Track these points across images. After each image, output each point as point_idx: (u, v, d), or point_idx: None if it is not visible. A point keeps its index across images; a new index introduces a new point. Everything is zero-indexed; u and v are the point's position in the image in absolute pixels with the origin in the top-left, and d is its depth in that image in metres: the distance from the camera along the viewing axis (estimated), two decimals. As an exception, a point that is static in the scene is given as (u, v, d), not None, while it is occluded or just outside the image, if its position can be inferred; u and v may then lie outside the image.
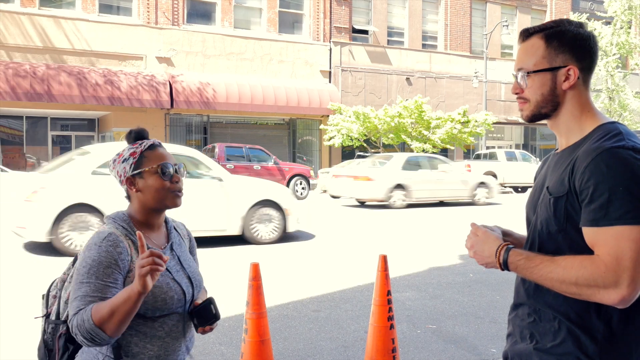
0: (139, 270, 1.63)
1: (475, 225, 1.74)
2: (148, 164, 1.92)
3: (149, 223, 1.96)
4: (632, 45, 30.29)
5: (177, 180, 1.95)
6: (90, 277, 1.74)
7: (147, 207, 1.94)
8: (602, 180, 1.45)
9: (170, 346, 1.90)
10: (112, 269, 1.77)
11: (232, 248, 9.34)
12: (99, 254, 1.77)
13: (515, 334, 1.71)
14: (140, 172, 1.92)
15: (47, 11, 22.38)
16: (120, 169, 1.95)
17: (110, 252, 1.78)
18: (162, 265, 1.65)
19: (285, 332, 5.05)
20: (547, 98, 1.65)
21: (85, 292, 1.73)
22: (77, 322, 1.70)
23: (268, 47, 26.19)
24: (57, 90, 21.11)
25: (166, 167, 1.92)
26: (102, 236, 1.82)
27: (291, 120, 27.58)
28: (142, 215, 1.95)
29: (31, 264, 7.84)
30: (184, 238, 2.13)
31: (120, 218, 1.92)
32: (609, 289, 1.42)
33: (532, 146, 33.65)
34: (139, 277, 1.63)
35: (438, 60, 30.21)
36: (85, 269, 1.76)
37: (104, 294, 1.74)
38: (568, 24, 1.66)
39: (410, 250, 9.38)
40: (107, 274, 1.76)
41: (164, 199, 1.93)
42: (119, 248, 1.80)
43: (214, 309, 1.96)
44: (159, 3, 24.08)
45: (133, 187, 1.93)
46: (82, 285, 1.74)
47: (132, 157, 1.93)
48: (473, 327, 5.28)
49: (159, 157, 1.94)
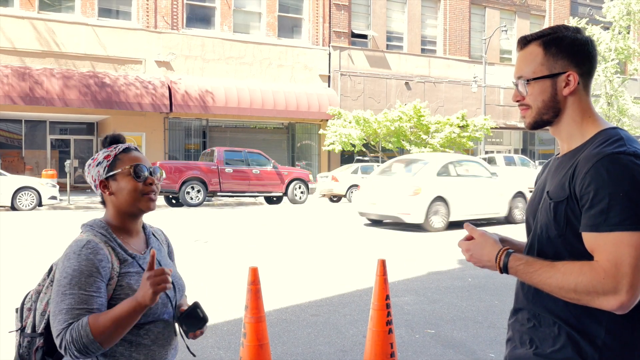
0: (154, 286, 1.65)
1: (471, 227, 1.73)
2: (121, 166, 1.88)
3: (126, 228, 1.92)
4: (630, 51, 30.32)
5: (151, 183, 1.91)
6: (73, 287, 1.69)
7: (121, 211, 1.90)
8: (603, 185, 1.45)
9: (156, 354, 1.86)
10: (94, 278, 1.72)
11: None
12: (79, 263, 1.72)
13: (515, 339, 1.71)
14: (113, 175, 1.88)
15: (46, 15, 22.40)
16: (95, 173, 1.91)
17: (91, 259, 1.73)
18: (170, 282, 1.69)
19: (284, 337, 5.05)
20: (548, 105, 1.65)
21: (70, 304, 1.68)
22: (72, 337, 1.65)
23: (267, 52, 26.22)
24: (56, 94, 21.12)
25: (139, 168, 1.89)
26: (80, 244, 1.77)
27: (290, 124, 27.60)
28: (118, 220, 1.91)
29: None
30: (162, 243, 2.10)
31: (98, 225, 1.87)
32: (608, 295, 1.42)
33: (531, 151, 33.69)
34: (153, 293, 1.65)
35: (437, 64, 30.26)
36: (66, 279, 1.71)
37: (90, 305, 1.70)
38: (565, 29, 1.66)
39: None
40: (90, 283, 1.71)
41: (137, 202, 1.88)
42: (99, 255, 1.75)
43: (201, 312, 1.93)
44: (158, 7, 24.11)
45: (107, 190, 1.90)
46: (66, 296, 1.69)
47: (106, 160, 1.90)
48: (471, 331, 5.27)
49: (133, 159, 1.90)
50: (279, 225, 13.47)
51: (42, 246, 9.85)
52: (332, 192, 22.20)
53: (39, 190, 16.67)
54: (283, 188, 20.31)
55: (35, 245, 9.93)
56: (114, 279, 1.78)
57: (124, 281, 1.80)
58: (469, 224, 1.75)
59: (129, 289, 1.79)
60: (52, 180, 17.78)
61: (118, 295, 1.78)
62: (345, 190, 21.85)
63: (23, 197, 16.43)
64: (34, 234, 11.51)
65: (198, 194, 18.68)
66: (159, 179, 1.96)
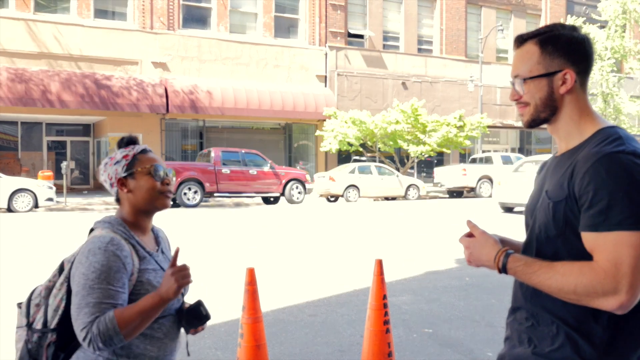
0: (178, 281, 1.79)
1: (473, 225, 1.73)
2: (140, 165, 1.97)
3: (139, 226, 2.00)
4: (626, 49, 30.41)
5: (168, 183, 2.00)
6: (102, 282, 1.76)
7: (137, 208, 1.97)
8: (602, 185, 1.44)
9: (167, 347, 1.95)
10: (121, 274, 1.80)
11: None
12: (107, 259, 1.78)
13: (513, 337, 1.70)
14: (132, 173, 1.96)
15: (42, 16, 22.37)
16: (112, 171, 1.99)
17: (118, 255, 1.80)
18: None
19: (281, 337, 5.04)
20: (545, 103, 1.64)
21: (97, 297, 1.75)
22: (99, 330, 1.71)
23: (264, 52, 26.22)
24: (52, 96, 21.08)
25: (157, 168, 1.98)
26: (105, 240, 1.82)
27: (287, 124, 27.61)
28: (132, 217, 1.98)
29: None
30: (165, 243, 2.19)
31: (115, 222, 1.94)
32: (607, 295, 1.41)
33: (528, 150, 33.73)
34: (178, 287, 1.78)
35: (433, 64, 30.29)
36: (94, 274, 1.76)
37: (116, 300, 1.77)
38: (562, 28, 1.65)
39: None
40: (117, 279, 1.78)
41: (154, 200, 1.97)
42: (124, 252, 1.83)
43: (204, 310, 2.00)
44: (154, 8, 24.08)
45: (124, 188, 1.97)
46: (94, 290, 1.75)
47: (125, 159, 1.98)
48: (469, 331, 5.27)
49: (151, 160, 2.00)
50: (276, 226, 13.46)
51: (39, 247, 9.83)
52: (330, 192, 22.19)
53: (35, 192, 16.63)
54: (280, 188, 20.30)
55: (32, 247, 9.90)
56: (134, 275, 1.86)
57: (144, 277, 1.88)
58: (471, 220, 1.74)
59: (148, 285, 1.87)
60: (49, 182, 17.74)
61: (138, 290, 1.86)
62: (343, 190, 21.84)
63: (19, 199, 16.40)
64: (31, 236, 11.48)
65: (195, 195, 18.66)
66: (172, 180, 2.07)
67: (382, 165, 23.76)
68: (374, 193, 22.80)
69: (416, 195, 23.29)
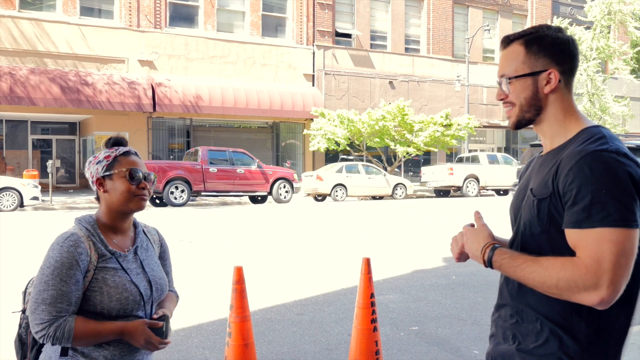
0: (145, 345, 1.92)
1: (478, 216, 1.77)
2: (118, 167, 2.01)
3: (114, 226, 2.04)
4: (611, 50, 30.69)
5: (144, 187, 2.04)
6: (55, 278, 1.83)
7: (112, 209, 2.02)
8: (585, 182, 1.46)
9: (126, 348, 1.96)
10: (73, 270, 1.85)
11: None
12: (61, 255, 1.85)
13: (498, 334, 1.72)
14: (110, 174, 2.01)
15: (27, 14, 22.17)
16: (93, 170, 2.04)
17: (72, 252, 1.86)
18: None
19: (269, 336, 5.04)
20: (530, 102, 1.67)
21: (52, 296, 1.82)
22: (54, 334, 1.81)
23: (251, 51, 26.16)
24: (37, 94, 20.89)
25: (135, 172, 2.02)
26: (64, 237, 1.90)
27: (275, 123, 27.57)
28: (108, 217, 2.03)
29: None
30: (154, 243, 2.20)
31: (86, 220, 1.99)
32: (589, 290, 1.43)
33: (514, 149, 33.95)
34: (140, 345, 1.92)
35: (421, 64, 30.39)
36: (49, 269, 1.84)
37: (69, 299, 1.84)
38: (547, 29, 1.68)
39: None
40: (70, 275, 1.84)
41: (128, 202, 2.00)
42: (79, 248, 1.88)
43: (164, 327, 1.99)
44: (141, 6, 23.94)
45: (102, 187, 2.02)
46: (48, 286, 1.83)
47: (106, 159, 2.03)
48: (456, 328, 5.30)
49: (130, 162, 2.03)
50: (264, 225, 13.45)
51: (24, 246, 9.75)
52: (317, 191, 22.20)
53: (20, 190, 16.49)
54: (268, 187, 20.27)
55: (17, 246, 9.82)
56: (91, 272, 1.90)
57: (100, 275, 1.91)
58: (478, 212, 1.78)
59: (103, 283, 1.91)
60: (34, 181, 17.59)
61: (93, 287, 1.90)
62: (330, 189, 21.86)
63: (4, 198, 16.25)
64: (16, 235, 11.38)
65: (182, 194, 18.59)
66: (152, 184, 2.09)
67: (370, 165, 23.82)
68: (361, 192, 22.84)
69: (403, 195, 23.36)
